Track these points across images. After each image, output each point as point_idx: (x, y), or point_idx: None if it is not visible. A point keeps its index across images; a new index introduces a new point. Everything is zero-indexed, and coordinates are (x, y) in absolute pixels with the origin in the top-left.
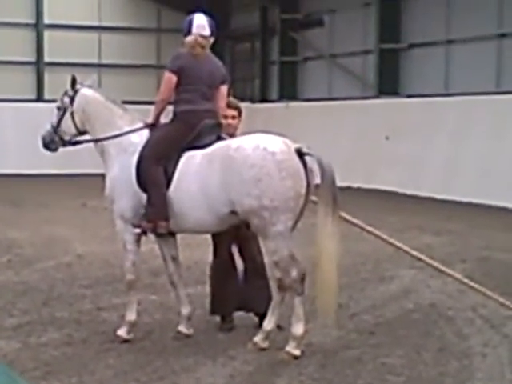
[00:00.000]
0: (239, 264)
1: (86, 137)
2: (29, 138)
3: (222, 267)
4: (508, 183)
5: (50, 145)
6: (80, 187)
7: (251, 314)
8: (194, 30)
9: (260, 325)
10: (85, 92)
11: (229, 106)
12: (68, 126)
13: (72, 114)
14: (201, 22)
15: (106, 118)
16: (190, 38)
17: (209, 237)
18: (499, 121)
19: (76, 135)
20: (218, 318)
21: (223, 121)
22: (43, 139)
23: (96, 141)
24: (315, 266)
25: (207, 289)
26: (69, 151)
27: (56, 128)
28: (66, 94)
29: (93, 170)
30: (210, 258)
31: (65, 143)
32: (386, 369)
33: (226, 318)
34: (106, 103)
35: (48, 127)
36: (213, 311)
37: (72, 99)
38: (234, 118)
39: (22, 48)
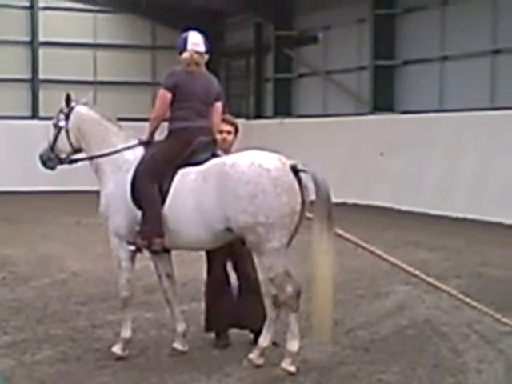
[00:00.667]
0: (234, 281)
1: (82, 154)
2: (24, 155)
3: (216, 284)
4: (503, 199)
5: (47, 163)
6: (75, 204)
7: (246, 331)
8: (189, 46)
9: (255, 341)
10: (80, 110)
11: (225, 121)
12: (63, 144)
13: (67, 131)
14: (195, 40)
15: (100, 135)
16: (185, 55)
17: (203, 253)
18: (494, 136)
19: (72, 153)
20: (213, 335)
21: (218, 136)
22: (41, 157)
23: (91, 158)
24: (310, 282)
25: (202, 306)
26: (63, 168)
27: (52, 146)
28: (61, 111)
29: (87, 187)
30: (204, 274)
31: (62, 161)
32: None
33: (221, 334)
34: (101, 121)
35: (45, 145)
36: (208, 328)
37: (67, 117)
38: (229, 133)
39: (17, 65)
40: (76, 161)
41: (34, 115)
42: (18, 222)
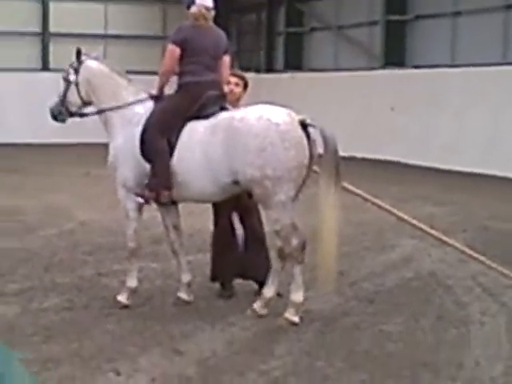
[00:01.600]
0: (240, 232)
1: (92, 108)
2: (34, 107)
3: (222, 235)
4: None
5: (58, 116)
6: (84, 156)
7: (251, 282)
8: (198, 1)
9: (259, 292)
10: (90, 64)
11: (234, 74)
12: (74, 98)
13: (77, 85)
14: None
15: (110, 89)
16: (193, 10)
17: (210, 205)
18: (506, 92)
19: (82, 106)
20: (218, 285)
21: (226, 87)
22: (51, 111)
23: (101, 112)
24: (316, 234)
25: (208, 256)
26: (73, 121)
27: (63, 100)
28: (71, 65)
29: (96, 139)
30: (211, 226)
31: (72, 114)
32: (384, 335)
33: (226, 284)
34: (111, 74)
35: (56, 99)
36: (213, 278)
37: (77, 71)
38: (237, 85)
39: (28, 18)
40: (86, 114)
41: (45, 67)
42: (26, 174)
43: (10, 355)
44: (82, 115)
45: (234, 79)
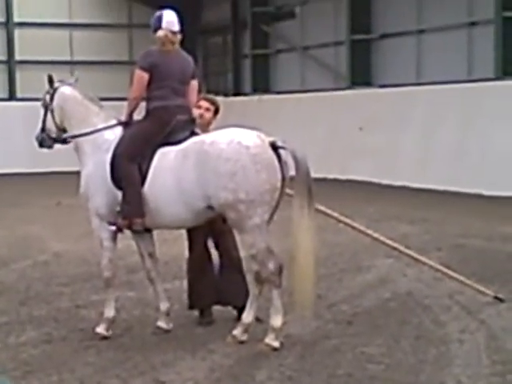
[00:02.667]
0: (215, 258)
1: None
2: (1, 137)
3: (197, 262)
4: (481, 170)
5: (43, 143)
6: (54, 186)
7: (229, 308)
8: (164, 25)
9: (239, 318)
10: (63, 90)
11: (206, 99)
12: (50, 124)
13: (52, 111)
14: (170, 18)
15: (81, 115)
16: (160, 34)
17: (184, 231)
18: (471, 108)
19: (58, 133)
20: (196, 313)
21: (196, 111)
22: (36, 138)
23: (72, 138)
24: (292, 258)
25: (185, 284)
26: (39, 150)
27: (43, 127)
28: (47, 92)
29: (67, 168)
30: (186, 252)
31: (55, 140)
32: (365, 358)
33: (204, 311)
34: (83, 101)
35: (39, 126)
36: (191, 306)
37: (52, 97)
38: (207, 110)
39: None
40: (66, 140)
41: (11, 97)
42: None
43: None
44: (64, 141)
45: (205, 104)
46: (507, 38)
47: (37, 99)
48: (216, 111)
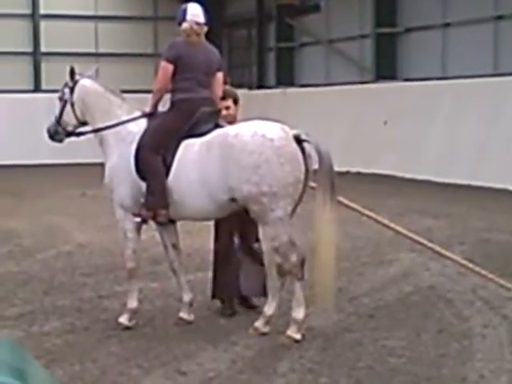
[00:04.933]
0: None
1: (88, 127)
2: (27, 128)
3: (223, 252)
4: (506, 165)
5: (55, 136)
6: (79, 177)
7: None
8: (189, 17)
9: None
10: (84, 83)
11: (223, 97)
12: (69, 118)
13: (72, 105)
14: (195, 11)
15: (104, 108)
16: (185, 26)
17: (208, 224)
18: (497, 103)
19: (77, 126)
20: (219, 303)
21: (223, 111)
22: (48, 131)
23: (96, 131)
24: (314, 251)
25: (208, 275)
26: (67, 141)
27: (58, 119)
28: (66, 85)
29: (91, 159)
30: (210, 244)
31: (68, 134)
32: (387, 351)
33: (227, 302)
34: (105, 93)
35: (52, 119)
36: (214, 296)
37: (72, 90)
38: (227, 108)
39: (19, 39)
40: (83, 133)
41: (37, 88)
42: (22, 196)
43: (26, 354)
44: (79, 134)
45: (224, 103)
46: None
47: None
48: (235, 102)
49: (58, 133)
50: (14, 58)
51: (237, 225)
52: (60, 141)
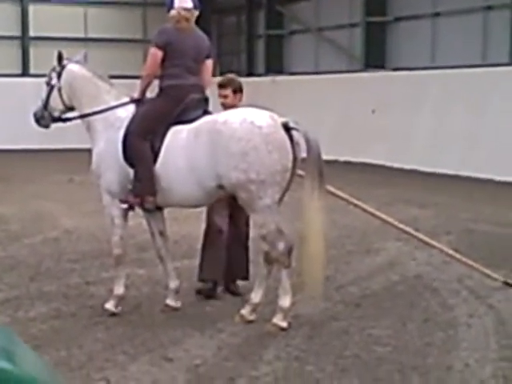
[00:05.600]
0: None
1: (75, 112)
2: (14, 113)
3: (213, 235)
4: (493, 155)
5: (41, 121)
6: (66, 162)
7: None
8: (177, 4)
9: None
10: (71, 67)
11: (223, 85)
12: (56, 102)
13: (59, 89)
14: None
15: (92, 93)
16: (173, 13)
17: (196, 211)
18: (485, 93)
19: (64, 111)
20: (204, 291)
21: (222, 100)
22: (34, 115)
23: (83, 116)
24: (302, 239)
25: (194, 262)
26: (55, 126)
27: (45, 104)
28: (53, 69)
29: (79, 145)
30: (196, 231)
31: (55, 119)
32: (373, 340)
33: (209, 284)
34: (93, 78)
35: (39, 103)
36: (201, 278)
37: (59, 75)
38: (225, 97)
39: (7, 23)
40: (69, 119)
41: (25, 73)
42: (9, 181)
43: (14, 336)
44: (65, 120)
45: (223, 91)
46: None
47: None
48: (235, 91)
49: (43, 117)
50: (2, 42)
51: (227, 208)
52: (46, 126)
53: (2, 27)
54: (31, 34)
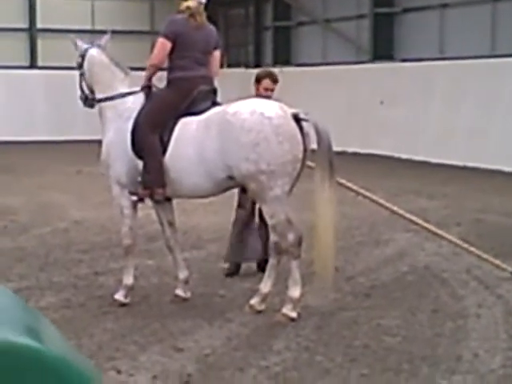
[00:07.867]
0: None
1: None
2: (23, 104)
3: (244, 219)
4: (502, 146)
5: (85, 103)
6: (75, 154)
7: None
8: None
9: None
10: (92, 52)
11: (275, 78)
12: (84, 86)
13: (83, 74)
14: None
15: (107, 80)
16: (192, 4)
17: (205, 201)
18: (494, 84)
19: (92, 95)
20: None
21: (263, 93)
22: (80, 98)
23: (99, 101)
24: (312, 230)
25: (203, 253)
26: (63, 118)
27: (81, 87)
28: (79, 54)
29: (87, 136)
30: (206, 222)
31: (94, 100)
32: (382, 330)
33: (233, 265)
34: (110, 65)
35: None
36: (228, 259)
37: (82, 60)
38: (266, 90)
39: (15, 15)
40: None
41: (33, 65)
42: (17, 172)
43: (38, 313)
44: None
45: (272, 85)
46: None
47: (58, 67)
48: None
49: (86, 99)
50: (10, 34)
51: None
52: (91, 106)
53: (9, 19)
54: (39, 25)
